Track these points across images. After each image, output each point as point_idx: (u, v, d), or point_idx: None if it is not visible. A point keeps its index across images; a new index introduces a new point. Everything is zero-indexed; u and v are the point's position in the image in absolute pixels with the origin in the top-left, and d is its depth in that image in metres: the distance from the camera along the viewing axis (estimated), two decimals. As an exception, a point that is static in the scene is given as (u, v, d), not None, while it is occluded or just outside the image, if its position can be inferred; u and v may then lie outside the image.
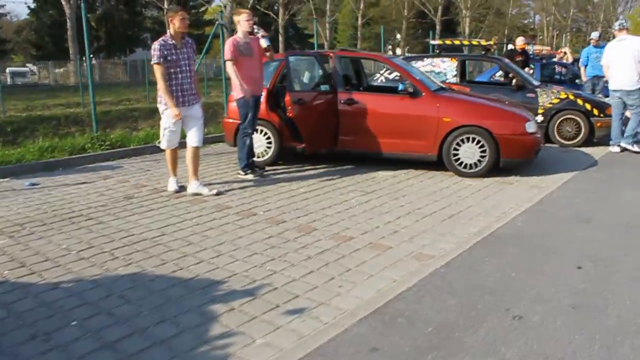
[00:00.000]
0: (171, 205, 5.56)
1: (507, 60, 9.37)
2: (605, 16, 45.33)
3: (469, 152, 6.48)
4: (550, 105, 8.73)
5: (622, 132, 8.31)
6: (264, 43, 6.52)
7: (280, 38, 41.01)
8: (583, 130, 8.65)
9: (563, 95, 8.73)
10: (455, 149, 6.53)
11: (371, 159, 7.14)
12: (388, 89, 7.03)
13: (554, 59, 12.96)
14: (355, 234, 4.64)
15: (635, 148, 8.14)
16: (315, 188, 6.21)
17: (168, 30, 5.90)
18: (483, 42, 9.37)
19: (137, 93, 25.25)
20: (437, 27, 44.50)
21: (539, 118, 8.77)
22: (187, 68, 5.80)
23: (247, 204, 5.59)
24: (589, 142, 8.74)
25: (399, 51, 48.29)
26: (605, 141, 8.65)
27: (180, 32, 5.74)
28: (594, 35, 11.16)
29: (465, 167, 6.55)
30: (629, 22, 47.32)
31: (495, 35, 47.06)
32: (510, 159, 6.44)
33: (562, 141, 8.77)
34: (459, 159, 6.55)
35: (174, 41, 5.71)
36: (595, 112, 8.57)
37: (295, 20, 56.17)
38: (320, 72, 7.11)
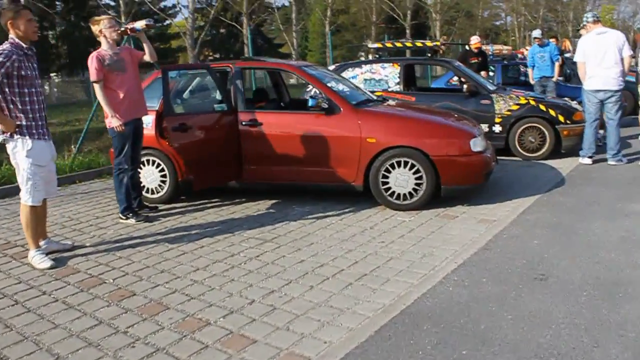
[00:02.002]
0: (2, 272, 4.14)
1: (457, 63, 8.10)
2: (575, 14, 44.71)
3: (402, 180, 5.15)
4: (509, 113, 7.45)
5: (596, 141, 7.06)
6: (141, 23, 5.14)
7: (246, 49, 39.64)
8: (548, 140, 7.39)
9: (523, 101, 7.47)
10: (385, 177, 5.20)
11: (294, 191, 5.78)
12: (302, 106, 5.66)
13: (517, 59, 11.72)
14: (213, 317, 3.27)
15: (625, 161, 6.88)
16: (203, 236, 4.84)
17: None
18: (428, 43, 8.08)
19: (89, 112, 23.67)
20: (407, 31, 43.52)
21: (497, 128, 7.49)
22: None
23: (103, 266, 4.22)
24: (556, 152, 7.47)
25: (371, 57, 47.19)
26: (574, 151, 7.39)
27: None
28: (536, 33, 10.02)
29: (398, 198, 5.21)
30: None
31: (479, 36, 46.15)
32: (452, 186, 5.12)
33: (525, 153, 7.50)
34: (389, 188, 5.21)
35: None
36: (561, 118, 7.32)
37: (263, 31, 54.98)
38: (215, 88, 5.73)
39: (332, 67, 8.44)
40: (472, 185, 5.22)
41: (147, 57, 5.28)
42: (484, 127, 7.46)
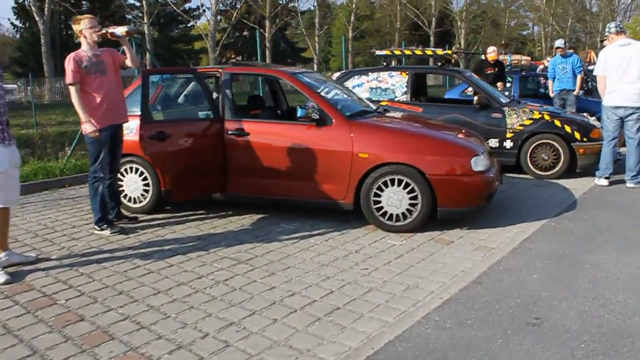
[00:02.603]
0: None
1: (468, 73, 7.65)
2: (604, 25, 43.67)
3: (395, 199, 4.73)
4: (521, 128, 6.98)
5: (614, 161, 6.55)
6: (122, 29, 4.84)
7: (267, 53, 39.56)
8: (562, 158, 6.90)
9: (537, 115, 6.99)
10: (377, 195, 4.79)
11: (284, 206, 5.40)
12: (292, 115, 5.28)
13: (537, 70, 11.19)
14: (158, 352, 2.92)
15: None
16: (176, 253, 4.50)
17: None
18: (439, 52, 7.64)
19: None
20: (432, 39, 42.98)
21: (508, 143, 7.02)
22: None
23: (60, 284, 3.90)
24: (570, 172, 6.97)
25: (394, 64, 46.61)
26: (590, 171, 6.89)
27: None
28: (559, 43, 9.45)
29: (390, 218, 4.79)
30: (628, 32, 45.58)
31: (494, 44, 45.29)
32: (450, 208, 4.69)
33: (537, 172, 7.02)
34: (382, 207, 4.80)
35: None
36: (577, 135, 6.82)
37: (287, 35, 54.90)
38: (202, 95, 5.38)
39: (337, 74, 8.07)
40: (472, 208, 4.78)
41: (128, 62, 4.98)
42: (494, 142, 7.03)
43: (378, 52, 7.92)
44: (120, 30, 4.82)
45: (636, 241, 4.46)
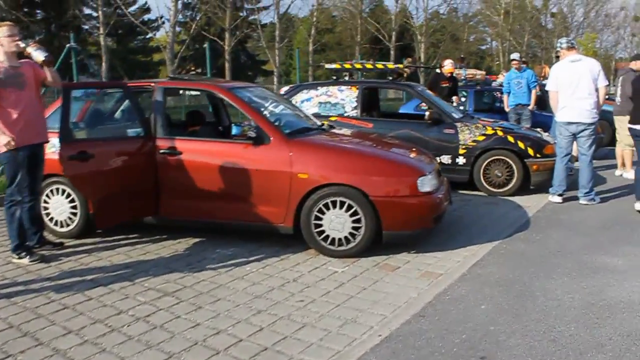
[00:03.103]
0: None
1: (420, 88, 7.45)
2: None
3: (337, 223, 4.42)
4: (474, 144, 6.79)
5: (567, 178, 6.41)
6: (38, 56, 4.40)
7: (227, 65, 39.08)
8: (515, 174, 6.73)
9: (490, 131, 6.81)
10: (319, 218, 4.46)
11: (224, 229, 5.02)
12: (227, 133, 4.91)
13: (493, 84, 11.12)
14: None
15: (597, 200, 6.23)
16: (98, 285, 4.10)
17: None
18: (390, 65, 7.43)
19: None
20: (392, 52, 43.22)
21: (461, 160, 6.81)
22: None
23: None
24: (524, 188, 6.80)
25: (355, 77, 46.65)
26: (544, 187, 6.73)
27: None
28: (514, 56, 9.38)
29: (332, 243, 4.47)
30: (581, 48, 46.69)
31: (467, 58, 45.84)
32: (395, 232, 4.40)
33: (490, 188, 6.82)
34: (323, 231, 4.48)
35: None
36: (531, 151, 6.66)
37: (249, 47, 54.51)
38: (132, 111, 4.98)
39: (285, 89, 7.76)
40: (419, 231, 4.50)
41: (49, 79, 4.55)
42: (447, 159, 6.82)
43: (327, 66, 7.66)
44: (37, 56, 4.38)
45: (587, 263, 4.26)
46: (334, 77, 7.59)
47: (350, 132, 5.55)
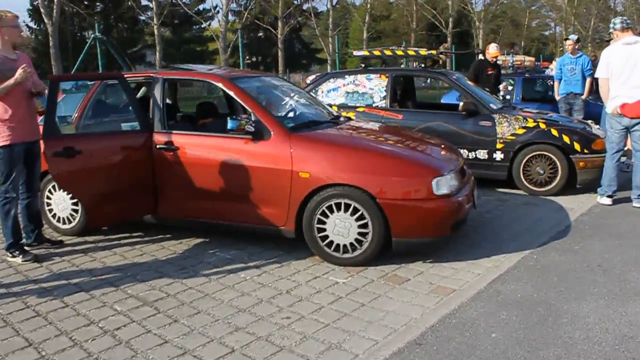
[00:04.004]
0: None
1: (456, 75, 6.83)
2: (630, 26, 41.98)
3: (341, 227, 3.96)
4: (513, 138, 6.14)
5: (618, 177, 5.69)
6: (20, 75, 4.13)
7: (280, 54, 38.95)
8: (560, 172, 6.04)
9: (531, 124, 6.14)
10: (322, 222, 4.01)
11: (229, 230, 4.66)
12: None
13: (546, 72, 10.25)
14: None
15: None
16: (80, 289, 3.85)
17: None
18: (422, 52, 6.84)
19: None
20: (449, 39, 41.87)
21: (498, 155, 6.19)
22: None
23: None
24: (569, 187, 6.10)
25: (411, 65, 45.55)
26: (593, 187, 6.03)
27: None
28: (572, 38, 8.48)
29: (337, 249, 4.02)
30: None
31: (510, 43, 43.89)
32: (406, 239, 3.90)
33: (531, 187, 6.17)
34: (327, 236, 4.03)
35: None
36: (577, 146, 5.96)
37: (304, 36, 54.24)
38: (128, 103, 4.67)
39: (312, 77, 7.31)
40: (434, 239, 3.97)
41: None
42: (483, 154, 6.22)
43: (355, 53, 7.16)
44: (20, 75, 4.08)
45: (632, 283, 3.63)
46: (362, 65, 7.07)
47: (368, 126, 5.05)
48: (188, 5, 43.11)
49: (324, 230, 4.03)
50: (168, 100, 6.00)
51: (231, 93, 4.41)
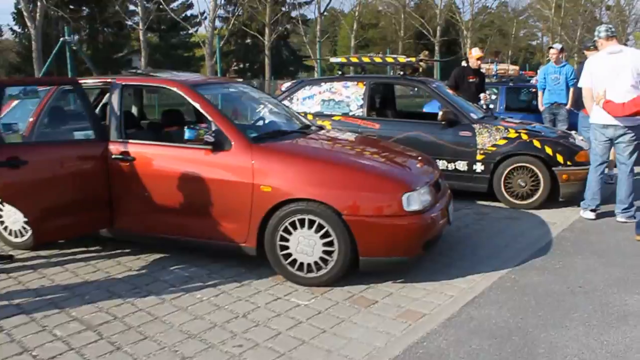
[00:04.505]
0: None
1: (435, 84, 6.60)
2: (616, 37, 42.25)
3: (305, 245, 3.69)
4: (493, 149, 5.91)
5: (601, 190, 5.47)
6: None
7: (267, 60, 38.73)
8: (542, 185, 5.82)
9: (512, 134, 5.92)
10: (285, 239, 3.74)
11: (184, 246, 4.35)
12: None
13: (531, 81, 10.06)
14: None
15: (638, 218, 5.23)
16: (19, 312, 3.53)
17: None
18: (401, 59, 6.60)
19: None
20: (436, 48, 41.93)
21: (479, 166, 5.95)
22: None
23: None
24: (553, 200, 5.88)
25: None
26: (576, 200, 5.81)
27: None
28: (556, 47, 8.29)
29: (301, 268, 3.74)
30: (636, 42, 43.88)
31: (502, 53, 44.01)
32: (374, 258, 3.63)
33: (512, 200, 5.94)
34: (290, 255, 3.75)
35: None
36: (560, 158, 5.74)
37: (292, 43, 54.11)
38: (82, 110, 4.36)
39: (287, 85, 7.05)
40: (404, 258, 3.71)
41: None
42: (463, 165, 5.97)
43: (332, 59, 6.91)
44: None
45: (615, 306, 3.38)
46: (340, 72, 6.82)
47: (340, 136, 4.79)
48: (175, 11, 42.87)
49: (287, 248, 3.76)
50: (134, 108, 5.75)
51: (191, 100, 4.13)
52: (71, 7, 40.94)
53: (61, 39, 8.99)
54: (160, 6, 34.07)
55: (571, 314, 3.28)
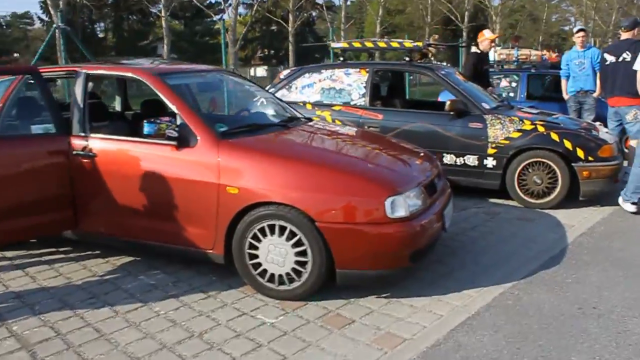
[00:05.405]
0: None
1: (445, 70, 6.04)
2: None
3: (276, 254, 3.25)
4: (507, 142, 5.37)
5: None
6: None
7: (291, 47, 38.24)
8: (560, 182, 5.26)
9: (528, 126, 5.36)
10: (254, 247, 3.30)
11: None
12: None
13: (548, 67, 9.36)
14: None
15: None
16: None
17: None
18: (407, 44, 6.06)
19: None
20: (464, 34, 40.80)
21: (490, 161, 5.42)
22: None
23: None
24: (572, 199, 5.32)
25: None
26: (597, 200, 5.27)
27: None
28: (584, 29, 7.62)
29: (272, 280, 3.31)
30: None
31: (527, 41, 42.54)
32: (353, 270, 3.17)
33: (527, 199, 5.40)
34: (260, 264, 3.32)
35: None
36: (580, 153, 5.17)
37: (317, 29, 53.51)
38: (42, 102, 3.98)
39: (286, 72, 6.58)
40: (389, 271, 3.24)
41: None
42: (473, 160, 5.45)
43: (334, 45, 6.40)
44: None
45: (635, 335, 2.87)
46: (341, 59, 6.32)
47: (328, 129, 4.32)
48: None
49: (257, 257, 3.32)
50: (117, 98, 5.37)
51: (156, 90, 3.70)
52: (96, -7, 41.09)
53: (53, 26, 8.66)
54: (184, -8, 33.83)
55: (579, 344, 2.78)
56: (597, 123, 6.16)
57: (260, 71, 49.19)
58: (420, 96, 17.47)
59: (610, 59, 6.16)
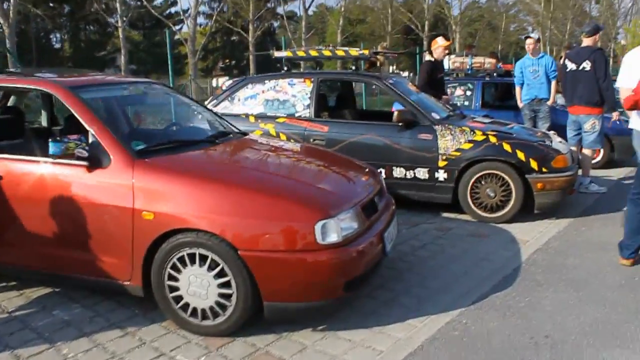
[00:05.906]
0: None
1: (393, 80, 5.78)
2: (605, 30, 41.56)
3: (198, 286, 2.91)
4: (458, 154, 5.14)
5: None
6: None
7: (251, 57, 37.84)
8: (514, 195, 5.05)
9: (479, 137, 5.15)
10: (174, 278, 2.95)
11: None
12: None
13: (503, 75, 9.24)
14: None
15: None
16: None
17: None
18: (353, 52, 5.82)
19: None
20: (424, 43, 41.16)
21: (441, 174, 5.19)
22: None
23: None
24: (526, 212, 5.11)
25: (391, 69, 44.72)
26: (552, 212, 5.08)
27: None
28: (533, 36, 7.54)
29: (195, 314, 2.96)
30: (626, 36, 42.91)
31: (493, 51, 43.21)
32: (281, 303, 2.85)
33: (480, 213, 5.18)
34: (181, 297, 2.96)
35: None
36: (534, 164, 4.98)
37: (279, 40, 53.26)
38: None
39: (228, 82, 6.26)
40: (321, 303, 2.92)
41: None
42: (423, 173, 5.21)
43: (277, 54, 6.10)
44: None
45: (587, 367, 2.60)
46: (285, 68, 6.02)
47: (260, 145, 3.98)
48: (158, 9, 41.92)
49: (178, 289, 2.96)
50: (44, 113, 4.95)
51: (66, 104, 3.32)
52: (51, 4, 40.00)
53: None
54: (139, 2, 33.25)
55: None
56: (552, 132, 6.01)
57: (222, 82, 48.69)
58: (380, 106, 17.36)
59: (571, 66, 6.07)
